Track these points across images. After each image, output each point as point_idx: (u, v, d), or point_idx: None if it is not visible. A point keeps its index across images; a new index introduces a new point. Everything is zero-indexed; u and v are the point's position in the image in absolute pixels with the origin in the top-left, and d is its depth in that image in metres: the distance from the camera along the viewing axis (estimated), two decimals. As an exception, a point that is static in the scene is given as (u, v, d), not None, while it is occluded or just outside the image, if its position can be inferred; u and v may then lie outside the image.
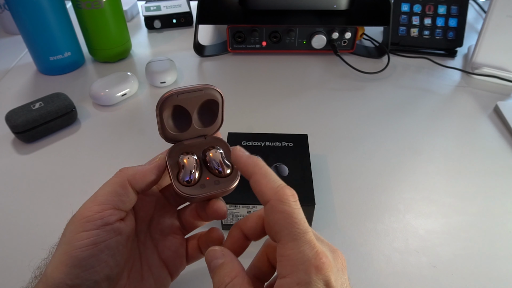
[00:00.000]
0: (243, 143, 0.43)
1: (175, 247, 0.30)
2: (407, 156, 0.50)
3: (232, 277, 0.23)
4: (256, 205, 0.37)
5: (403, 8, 0.71)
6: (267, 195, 0.23)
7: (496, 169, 0.48)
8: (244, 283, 0.23)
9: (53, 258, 0.24)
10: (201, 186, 0.27)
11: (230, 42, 0.69)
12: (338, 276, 0.22)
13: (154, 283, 0.29)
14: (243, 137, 0.44)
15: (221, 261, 0.24)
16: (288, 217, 0.22)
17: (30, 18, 0.58)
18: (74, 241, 0.23)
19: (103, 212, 0.24)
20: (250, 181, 0.25)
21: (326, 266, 0.21)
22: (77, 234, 0.23)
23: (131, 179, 0.26)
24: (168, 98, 0.27)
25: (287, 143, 0.44)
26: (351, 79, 0.65)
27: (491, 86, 0.63)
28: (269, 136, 0.44)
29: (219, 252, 0.25)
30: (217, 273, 0.24)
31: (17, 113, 0.50)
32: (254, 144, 0.43)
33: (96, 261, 0.24)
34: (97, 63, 0.69)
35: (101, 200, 0.25)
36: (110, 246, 0.25)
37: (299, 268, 0.21)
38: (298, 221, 0.22)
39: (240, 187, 0.36)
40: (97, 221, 0.24)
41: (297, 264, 0.21)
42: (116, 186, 0.26)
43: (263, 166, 0.25)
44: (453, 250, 0.39)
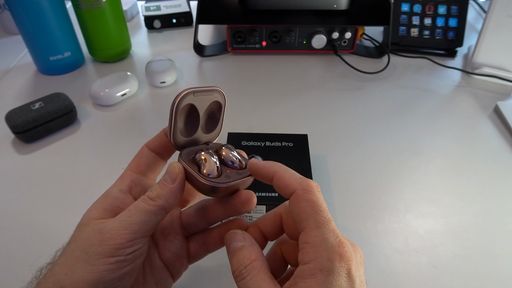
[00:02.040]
0: (243, 143, 0.43)
1: (175, 248, 0.30)
2: (407, 156, 0.50)
3: (252, 259, 0.23)
4: (261, 205, 0.37)
5: (403, 8, 0.71)
6: (293, 186, 0.24)
7: (496, 169, 0.48)
8: (263, 267, 0.23)
9: (72, 271, 0.23)
10: (226, 177, 0.27)
11: (230, 42, 0.69)
12: (357, 268, 0.22)
13: (155, 285, 0.29)
14: (243, 137, 0.44)
15: (241, 244, 0.24)
16: (314, 205, 0.23)
17: (30, 18, 0.58)
18: (101, 264, 0.23)
19: (134, 240, 0.24)
20: (273, 179, 0.25)
21: (348, 255, 0.22)
22: (105, 258, 0.23)
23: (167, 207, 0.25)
24: (185, 96, 0.26)
25: (287, 143, 0.44)
26: (351, 79, 0.65)
27: (491, 86, 0.63)
28: (269, 136, 0.44)
29: (240, 235, 0.25)
30: (236, 255, 0.24)
31: (17, 113, 0.50)
32: (254, 144, 0.43)
33: (118, 282, 0.24)
34: (97, 63, 0.69)
35: (135, 228, 0.24)
36: (133, 269, 0.25)
37: (323, 255, 0.21)
38: (323, 209, 0.23)
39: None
40: (128, 249, 0.24)
41: (321, 251, 0.22)
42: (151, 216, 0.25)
43: (282, 165, 0.26)
44: (453, 250, 0.39)
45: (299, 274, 0.22)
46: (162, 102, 0.60)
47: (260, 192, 0.37)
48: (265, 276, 0.23)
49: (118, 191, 0.27)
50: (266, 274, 0.23)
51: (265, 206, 0.37)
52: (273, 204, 0.37)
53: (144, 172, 0.29)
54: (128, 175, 0.28)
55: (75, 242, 0.25)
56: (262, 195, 0.37)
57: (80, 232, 0.25)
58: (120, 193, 0.27)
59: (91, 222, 0.25)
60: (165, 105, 0.59)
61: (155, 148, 0.29)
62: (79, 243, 0.24)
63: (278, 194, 0.37)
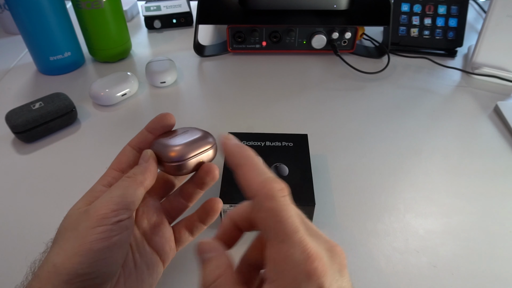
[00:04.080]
0: (243, 143, 0.43)
1: (162, 233, 0.31)
2: (407, 156, 0.50)
3: (217, 276, 0.22)
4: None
5: (403, 8, 0.71)
6: (253, 189, 0.21)
7: (496, 169, 0.48)
8: (228, 283, 0.21)
9: (63, 249, 0.25)
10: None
11: (230, 42, 0.69)
12: (333, 279, 0.20)
13: (147, 269, 0.30)
14: (243, 137, 0.44)
15: (209, 255, 0.23)
16: (274, 215, 0.20)
17: (30, 18, 0.58)
18: (90, 235, 0.25)
19: (118, 211, 0.26)
20: (236, 173, 0.23)
21: (318, 272, 0.19)
22: (92, 228, 0.25)
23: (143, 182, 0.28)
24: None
25: (287, 143, 0.44)
26: (351, 79, 0.65)
27: (491, 86, 0.63)
28: (269, 136, 0.45)
29: (207, 246, 0.24)
30: (204, 269, 0.23)
31: (17, 113, 0.50)
32: (254, 144, 0.43)
33: (108, 253, 0.25)
34: (97, 63, 0.69)
35: (117, 201, 0.26)
36: (120, 240, 0.26)
37: (287, 275, 0.19)
38: (286, 219, 0.20)
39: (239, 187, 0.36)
40: (112, 218, 0.25)
41: (284, 270, 0.19)
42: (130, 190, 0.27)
43: (252, 157, 0.23)
44: (453, 250, 0.39)
45: None
46: (162, 102, 0.60)
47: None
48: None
49: (101, 186, 0.30)
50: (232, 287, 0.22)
51: None
52: None
53: (124, 170, 0.31)
54: (110, 173, 0.31)
55: (65, 229, 0.26)
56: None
57: (68, 220, 0.27)
58: (103, 188, 0.29)
59: (77, 211, 0.27)
60: (165, 105, 0.59)
61: (137, 144, 0.32)
62: (68, 227, 0.26)
63: None
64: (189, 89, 0.63)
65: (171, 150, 0.29)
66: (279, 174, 0.39)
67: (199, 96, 0.61)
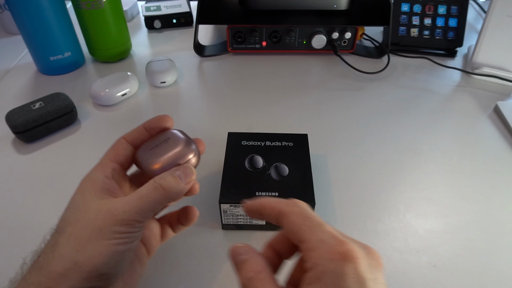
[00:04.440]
0: (243, 143, 0.43)
1: (151, 227, 0.33)
2: (407, 155, 0.50)
3: (257, 271, 0.23)
4: None
5: (403, 8, 0.71)
6: (278, 207, 0.25)
7: (496, 168, 0.48)
8: (267, 278, 0.23)
9: (88, 250, 0.25)
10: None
11: (230, 42, 0.69)
12: (370, 270, 0.21)
13: (138, 261, 0.31)
14: (243, 136, 0.44)
15: (245, 257, 0.25)
16: (301, 215, 0.23)
17: (30, 18, 0.58)
18: (116, 237, 0.26)
19: (142, 216, 0.27)
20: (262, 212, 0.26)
21: (352, 254, 0.21)
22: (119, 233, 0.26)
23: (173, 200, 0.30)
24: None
25: (287, 142, 0.44)
26: (351, 79, 0.65)
27: (491, 86, 0.63)
28: (269, 136, 0.44)
29: (243, 249, 0.25)
30: (241, 268, 0.24)
31: (17, 113, 0.50)
32: (254, 143, 0.43)
33: (127, 255, 0.27)
34: (97, 63, 0.69)
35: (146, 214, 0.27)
36: (137, 243, 0.28)
37: (324, 256, 0.21)
38: (312, 215, 0.23)
39: (240, 186, 0.36)
40: (137, 224, 0.27)
41: (321, 253, 0.21)
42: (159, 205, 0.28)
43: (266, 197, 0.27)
44: (453, 249, 0.39)
45: (305, 281, 0.21)
46: (162, 102, 0.60)
47: (260, 192, 0.38)
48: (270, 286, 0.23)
49: (104, 177, 0.29)
50: (271, 285, 0.23)
51: None
52: None
53: (121, 163, 0.31)
54: (109, 164, 0.31)
55: (79, 223, 0.26)
56: (262, 195, 0.37)
57: (81, 213, 0.27)
58: (106, 179, 0.29)
59: (91, 204, 0.27)
60: (165, 105, 0.59)
61: (133, 140, 0.32)
62: (86, 223, 0.26)
63: (277, 194, 0.37)
64: (189, 89, 0.63)
65: (155, 162, 0.30)
66: (279, 174, 0.39)
67: (199, 96, 0.61)
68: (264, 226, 0.40)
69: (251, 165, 0.40)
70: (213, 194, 0.42)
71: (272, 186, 0.38)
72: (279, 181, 0.39)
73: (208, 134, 0.53)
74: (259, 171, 0.40)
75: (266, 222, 0.39)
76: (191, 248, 0.39)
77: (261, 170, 0.40)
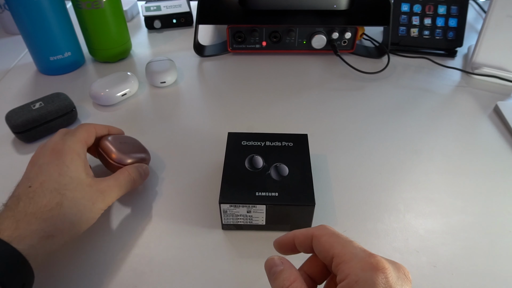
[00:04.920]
0: (243, 143, 0.43)
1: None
2: (407, 155, 0.50)
3: (292, 281, 0.25)
4: (255, 204, 0.37)
5: (403, 8, 0.71)
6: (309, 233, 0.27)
7: (496, 168, 0.48)
8: (302, 287, 0.25)
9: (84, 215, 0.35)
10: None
11: (230, 42, 0.69)
12: (398, 281, 0.23)
13: None
14: (243, 137, 0.44)
15: (280, 268, 0.26)
16: (332, 235, 0.26)
17: (30, 18, 0.58)
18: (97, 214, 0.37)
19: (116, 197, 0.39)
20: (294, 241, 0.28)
21: (382, 265, 0.23)
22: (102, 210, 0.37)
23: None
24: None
25: (287, 143, 0.43)
26: (351, 79, 0.65)
27: (491, 86, 0.63)
28: (269, 136, 0.44)
29: (277, 260, 0.27)
30: (277, 278, 0.26)
31: (17, 113, 0.50)
32: (254, 144, 0.43)
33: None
34: (97, 63, 0.69)
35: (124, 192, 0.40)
36: None
37: (356, 267, 0.23)
38: (340, 234, 0.26)
39: (240, 186, 0.36)
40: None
41: (353, 264, 0.23)
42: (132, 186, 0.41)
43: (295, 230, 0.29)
44: (453, 249, 0.39)
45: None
46: (162, 102, 0.60)
47: (260, 192, 0.38)
48: None
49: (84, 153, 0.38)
50: None
51: (264, 205, 0.37)
52: (273, 203, 0.37)
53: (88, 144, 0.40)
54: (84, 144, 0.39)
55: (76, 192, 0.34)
56: (261, 195, 0.37)
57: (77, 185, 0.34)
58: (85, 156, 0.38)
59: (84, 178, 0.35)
60: (165, 105, 0.59)
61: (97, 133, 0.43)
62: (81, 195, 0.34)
63: (277, 194, 0.37)
64: (189, 89, 0.63)
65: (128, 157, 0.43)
66: (279, 174, 0.39)
67: (199, 96, 0.61)
68: (264, 226, 0.40)
69: (251, 165, 0.40)
70: (213, 194, 0.42)
71: (272, 186, 0.38)
72: (279, 181, 0.39)
73: (208, 134, 0.53)
74: (259, 171, 0.40)
75: (266, 222, 0.39)
76: (191, 248, 0.39)
77: (261, 170, 0.40)
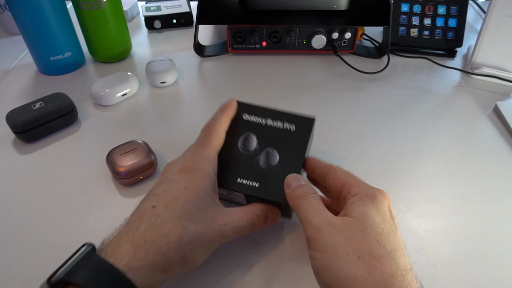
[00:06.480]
0: (244, 116, 0.40)
1: None
2: (407, 155, 0.50)
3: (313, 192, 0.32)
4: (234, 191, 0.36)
5: (403, 8, 0.71)
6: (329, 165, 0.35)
7: (495, 169, 0.48)
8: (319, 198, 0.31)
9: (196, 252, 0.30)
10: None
11: (230, 42, 0.69)
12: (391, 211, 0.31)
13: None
14: (246, 109, 0.41)
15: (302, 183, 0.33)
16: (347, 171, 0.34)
17: (30, 18, 0.58)
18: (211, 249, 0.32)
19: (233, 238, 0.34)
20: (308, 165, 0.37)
21: (386, 195, 0.31)
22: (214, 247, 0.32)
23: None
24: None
25: (290, 125, 0.40)
26: (351, 79, 0.65)
27: (491, 86, 0.63)
28: (273, 113, 0.41)
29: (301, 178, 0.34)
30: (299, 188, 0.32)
31: (17, 113, 0.50)
32: (255, 120, 0.40)
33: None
34: (97, 63, 0.69)
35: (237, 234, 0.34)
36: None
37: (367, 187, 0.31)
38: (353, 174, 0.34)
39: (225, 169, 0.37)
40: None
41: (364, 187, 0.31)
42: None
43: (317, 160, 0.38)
44: (453, 249, 0.39)
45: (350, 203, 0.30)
46: (163, 102, 0.60)
47: (242, 179, 0.37)
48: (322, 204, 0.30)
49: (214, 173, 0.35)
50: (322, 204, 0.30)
51: (243, 194, 0.37)
52: (251, 195, 0.36)
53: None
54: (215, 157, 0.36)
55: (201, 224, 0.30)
56: (242, 182, 0.36)
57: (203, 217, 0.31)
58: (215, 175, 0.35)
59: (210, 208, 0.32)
60: (165, 105, 0.59)
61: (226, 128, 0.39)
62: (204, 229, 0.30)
63: (258, 185, 0.36)
64: (189, 89, 0.63)
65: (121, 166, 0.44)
66: (267, 163, 0.37)
67: (199, 96, 0.62)
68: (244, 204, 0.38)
69: (244, 146, 0.38)
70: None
71: (256, 174, 0.37)
72: (265, 170, 0.37)
73: (208, 134, 0.53)
74: (249, 154, 0.38)
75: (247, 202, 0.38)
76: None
77: (252, 154, 0.38)
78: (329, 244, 0.26)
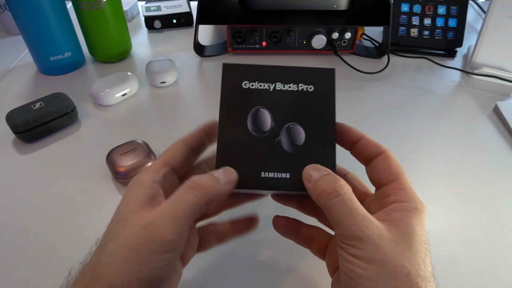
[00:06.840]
0: (245, 85, 0.29)
1: (190, 240, 0.30)
2: (407, 155, 0.50)
3: (343, 182, 0.26)
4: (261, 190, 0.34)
5: (403, 8, 0.71)
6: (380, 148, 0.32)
7: (495, 168, 0.48)
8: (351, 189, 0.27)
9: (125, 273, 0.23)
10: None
11: (230, 42, 0.69)
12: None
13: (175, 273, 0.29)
14: (244, 73, 0.29)
15: (325, 172, 0.27)
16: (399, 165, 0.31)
17: (30, 18, 0.58)
18: (153, 262, 0.23)
19: (182, 234, 0.24)
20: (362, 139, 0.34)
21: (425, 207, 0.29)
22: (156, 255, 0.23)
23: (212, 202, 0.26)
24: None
25: (306, 86, 0.30)
26: (351, 79, 0.65)
27: (491, 86, 0.63)
28: (280, 72, 0.30)
29: (324, 167, 0.28)
30: (323, 179, 0.27)
31: (17, 113, 0.50)
32: (259, 87, 0.29)
33: (167, 277, 0.25)
34: (97, 63, 0.69)
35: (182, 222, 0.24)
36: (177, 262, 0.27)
37: (417, 200, 0.28)
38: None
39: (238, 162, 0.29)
40: (177, 242, 0.24)
41: (414, 197, 0.28)
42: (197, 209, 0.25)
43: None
44: (453, 249, 0.39)
45: (395, 208, 0.27)
46: (163, 102, 0.60)
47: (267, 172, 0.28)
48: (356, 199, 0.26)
49: (152, 181, 0.26)
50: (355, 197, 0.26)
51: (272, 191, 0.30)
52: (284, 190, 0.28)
53: (175, 168, 0.28)
54: (161, 167, 0.27)
55: (118, 239, 0.24)
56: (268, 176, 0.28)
57: (121, 227, 0.24)
58: (154, 184, 0.26)
59: (131, 216, 0.24)
60: (165, 105, 0.59)
61: (192, 145, 0.29)
62: (124, 240, 0.24)
63: (289, 175, 0.28)
64: (189, 89, 0.63)
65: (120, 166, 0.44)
66: (292, 143, 0.29)
67: (199, 96, 0.62)
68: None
69: (255, 126, 0.29)
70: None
71: (282, 162, 0.28)
72: (292, 154, 0.28)
73: (208, 134, 0.53)
74: (265, 136, 0.28)
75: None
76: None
77: (269, 134, 0.28)
78: (377, 258, 0.24)
